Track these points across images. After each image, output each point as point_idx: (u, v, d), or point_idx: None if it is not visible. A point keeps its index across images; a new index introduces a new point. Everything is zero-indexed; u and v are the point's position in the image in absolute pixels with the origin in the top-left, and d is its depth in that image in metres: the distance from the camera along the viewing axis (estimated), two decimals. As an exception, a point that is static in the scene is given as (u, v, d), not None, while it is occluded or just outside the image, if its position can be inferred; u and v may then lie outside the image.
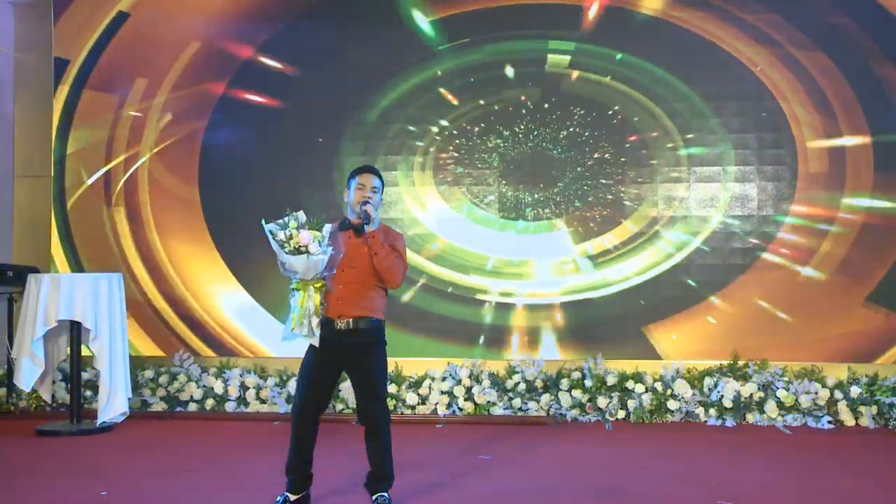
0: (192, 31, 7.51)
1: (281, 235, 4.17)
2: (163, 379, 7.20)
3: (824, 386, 6.57)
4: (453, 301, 7.21)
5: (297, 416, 4.31)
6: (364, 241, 4.29)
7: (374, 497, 4.31)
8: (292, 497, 4.32)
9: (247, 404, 7.10)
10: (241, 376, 7.16)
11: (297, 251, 4.12)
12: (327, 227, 4.26)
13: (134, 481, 4.99)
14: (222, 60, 7.49)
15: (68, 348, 6.59)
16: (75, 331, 6.47)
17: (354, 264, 4.29)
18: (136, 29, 7.58)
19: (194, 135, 7.51)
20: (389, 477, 4.36)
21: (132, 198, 7.55)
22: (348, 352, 4.28)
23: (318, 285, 4.22)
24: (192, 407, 7.14)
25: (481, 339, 7.15)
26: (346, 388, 6.75)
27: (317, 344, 4.21)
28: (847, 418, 6.49)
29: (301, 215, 4.26)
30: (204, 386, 7.17)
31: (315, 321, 4.19)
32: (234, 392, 7.10)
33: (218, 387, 7.13)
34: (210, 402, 7.13)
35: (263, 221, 4.21)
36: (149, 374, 7.22)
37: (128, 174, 7.56)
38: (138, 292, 7.45)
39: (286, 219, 4.23)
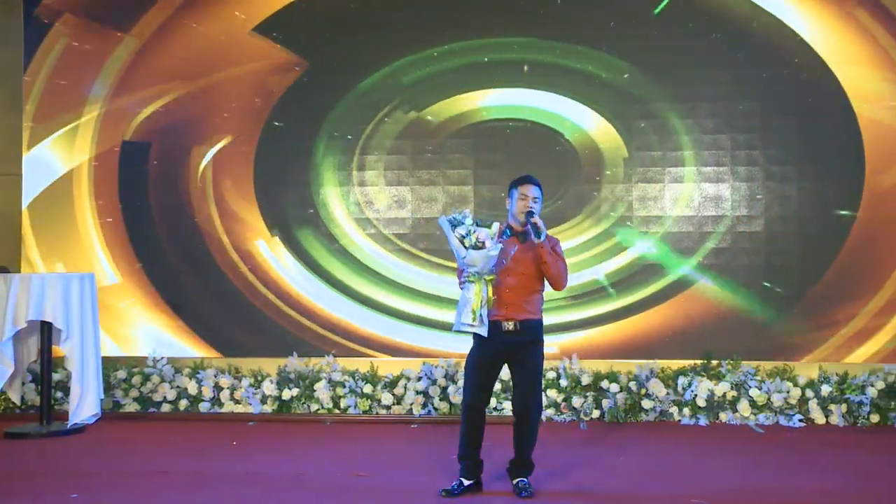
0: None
1: (461, 231, 4.49)
2: (135, 380, 7.13)
3: (796, 385, 6.64)
4: (428, 299, 7.21)
5: (469, 409, 4.63)
6: (530, 248, 4.59)
7: (515, 482, 4.65)
8: (466, 482, 4.65)
9: (221, 405, 7.06)
10: (215, 377, 7.11)
11: (476, 247, 4.44)
12: (496, 226, 4.55)
13: (106, 484, 4.94)
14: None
15: (39, 349, 6.51)
16: (46, 331, 6.39)
17: (520, 269, 4.61)
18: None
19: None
20: (532, 464, 4.69)
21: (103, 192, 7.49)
22: (513, 349, 4.60)
23: (489, 278, 4.51)
24: (166, 408, 7.08)
25: (456, 340, 7.15)
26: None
27: (485, 334, 4.51)
28: (818, 416, 6.56)
29: (469, 214, 4.59)
30: (177, 387, 7.11)
31: (485, 312, 4.49)
32: (207, 392, 7.05)
33: (192, 387, 7.07)
34: (183, 403, 7.08)
35: (442, 218, 4.57)
36: (121, 374, 7.15)
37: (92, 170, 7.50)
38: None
39: (460, 216, 4.56)
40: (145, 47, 7.48)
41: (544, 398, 6.74)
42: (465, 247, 4.47)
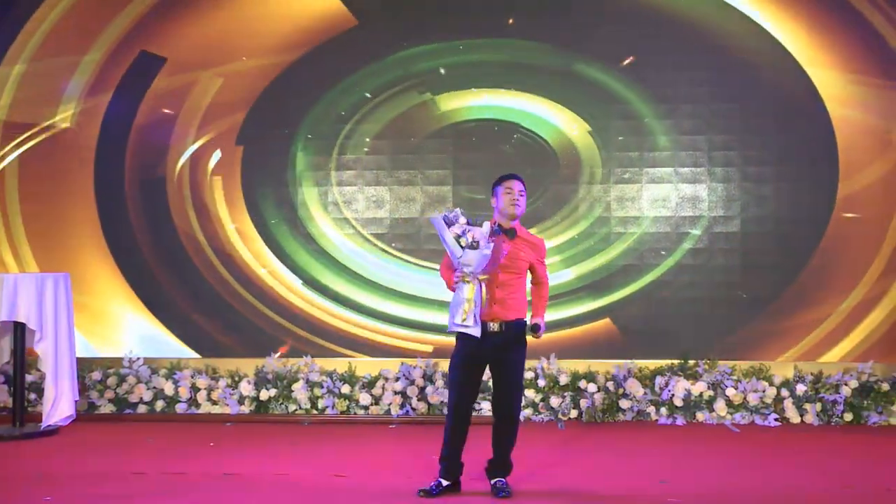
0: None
1: (456, 230, 4.44)
2: (111, 381, 7.06)
3: (771, 384, 6.70)
4: (406, 299, 7.20)
5: (454, 411, 4.60)
6: (518, 245, 4.58)
7: (493, 482, 4.65)
8: (444, 482, 4.63)
9: (198, 406, 7.01)
10: (191, 377, 7.06)
11: (471, 246, 4.39)
12: (486, 225, 4.48)
13: (80, 486, 4.88)
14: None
15: (11, 350, 6.42)
16: (19, 332, 6.31)
17: (508, 267, 4.57)
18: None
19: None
20: (510, 465, 4.68)
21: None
22: (497, 349, 4.56)
23: (482, 278, 4.47)
24: (142, 409, 7.02)
25: (435, 340, 7.15)
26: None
27: (478, 335, 4.46)
28: (793, 415, 6.62)
29: (460, 213, 4.53)
30: (154, 387, 7.05)
31: (479, 313, 4.45)
32: (184, 393, 7.00)
33: (168, 388, 7.02)
34: (160, 404, 7.02)
35: (434, 217, 4.51)
36: (96, 375, 7.07)
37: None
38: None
39: (452, 216, 4.49)
40: (122, 45, 7.41)
41: (522, 398, 6.75)
42: (461, 246, 4.44)
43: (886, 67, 6.87)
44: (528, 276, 4.74)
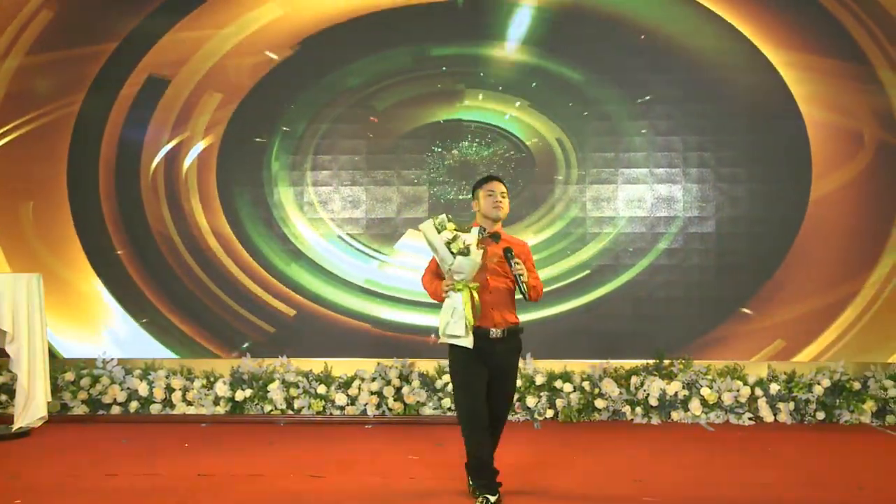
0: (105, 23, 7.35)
1: (447, 235, 4.28)
2: (84, 381, 7.00)
3: (745, 384, 6.76)
4: (382, 300, 7.19)
5: (470, 413, 4.40)
6: (500, 248, 4.49)
7: (474, 483, 4.52)
8: (492, 498, 4.40)
9: (173, 406, 6.97)
10: (166, 378, 7.02)
11: (462, 252, 4.25)
12: (475, 230, 4.37)
13: (52, 489, 4.84)
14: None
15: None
16: (-9, 333, 6.26)
17: (498, 270, 4.49)
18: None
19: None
20: (495, 471, 4.54)
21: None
22: (497, 357, 4.46)
23: (474, 286, 4.34)
24: (116, 410, 6.97)
25: (411, 340, 7.15)
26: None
27: (470, 346, 4.34)
28: (766, 414, 6.68)
29: (446, 218, 4.39)
30: (128, 388, 7.00)
31: (471, 322, 4.31)
32: (159, 394, 6.95)
33: (143, 389, 6.97)
34: (134, 405, 6.97)
35: (424, 224, 4.35)
36: (69, 376, 7.01)
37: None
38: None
39: (440, 222, 4.33)
40: (96, 43, 7.35)
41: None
42: (452, 253, 4.28)
43: (859, 69, 6.96)
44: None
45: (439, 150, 7.20)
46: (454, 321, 4.30)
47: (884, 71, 6.96)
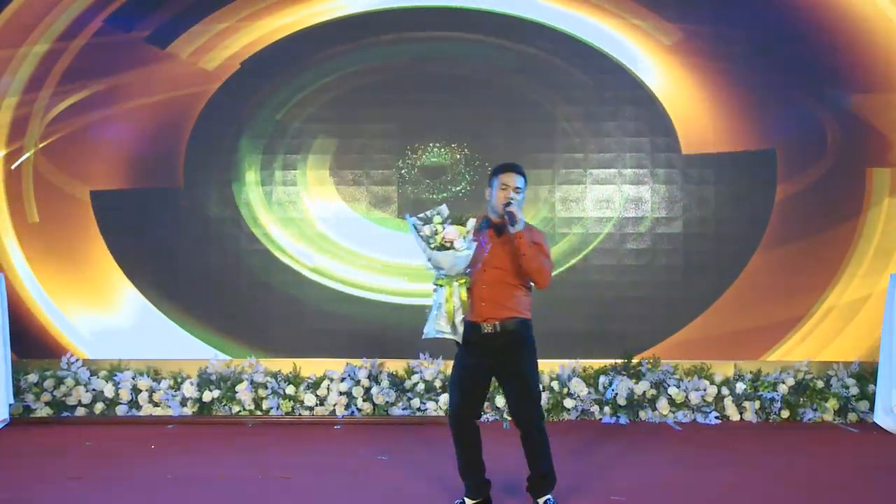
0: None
1: (426, 231, 4.11)
2: (48, 383, 6.90)
3: (712, 383, 6.83)
4: (351, 301, 7.17)
5: (455, 422, 4.29)
6: (508, 241, 4.21)
7: (537, 501, 4.32)
8: (470, 502, 4.31)
9: (139, 408, 6.89)
10: (133, 379, 6.94)
11: (443, 247, 4.07)
12: (471, 222, 4.17)
13: (15, 492, 4.77)
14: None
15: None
16: (-48, 334, 6.15)
17: (497, 264, 4.24)
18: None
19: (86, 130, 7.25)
20: (551, 478, 4.34)
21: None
22: (497, 354, 4.25)
23: (461, 281, 4.16)
24: (81, 412, 6.88)
25: (381, 340, 7.13)
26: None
27: (460, 341, 4.18)
28: (732, 413, 6.76)
29: (444, 210, 4.19)
30: (93, 390, 6.91)
31: (459, 318, 4.15)
32: (125, 395, 6.87)
33: (108, 390, 6.88)
34: (99, 407, 6.89)
35: (408, 216, 4.18)
36: (32, 378, 6.90)
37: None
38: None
39: (429, 213, 4.16)
40: (65, 39, 7.25)
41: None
42: (429, 247, 4.10)
43: (825, 71, 7.04)
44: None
45: (409, 148, 7.18)
46: (438, 317, 4.17)
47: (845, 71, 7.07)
